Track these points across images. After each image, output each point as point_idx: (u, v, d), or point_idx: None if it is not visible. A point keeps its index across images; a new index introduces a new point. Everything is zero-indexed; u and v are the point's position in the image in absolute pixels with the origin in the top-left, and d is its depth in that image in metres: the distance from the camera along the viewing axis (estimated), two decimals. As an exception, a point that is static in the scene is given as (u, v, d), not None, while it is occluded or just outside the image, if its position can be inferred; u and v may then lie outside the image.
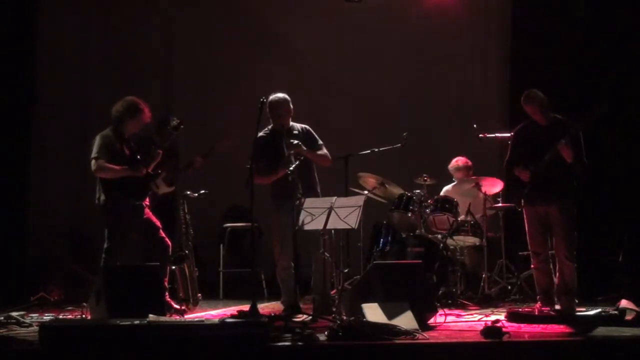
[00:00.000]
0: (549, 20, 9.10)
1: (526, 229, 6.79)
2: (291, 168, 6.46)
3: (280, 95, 6.86)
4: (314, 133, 7.01)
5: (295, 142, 6.68)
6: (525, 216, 6.78)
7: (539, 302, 6.71)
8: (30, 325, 5.92)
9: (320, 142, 7.00)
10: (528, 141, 6.74)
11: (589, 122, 6.49)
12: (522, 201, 6.74)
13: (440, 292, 7.45)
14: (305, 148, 6.72)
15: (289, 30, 9.62)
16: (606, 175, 8.32)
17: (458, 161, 8.48)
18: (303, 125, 7.01)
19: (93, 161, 6.48)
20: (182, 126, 6.94)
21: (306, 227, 6.36)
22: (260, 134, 6.83)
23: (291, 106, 6.87)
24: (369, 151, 8.06)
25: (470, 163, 8.48)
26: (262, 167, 6.74)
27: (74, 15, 9.34)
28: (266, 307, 7.19)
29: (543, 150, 6.55)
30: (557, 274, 6.69)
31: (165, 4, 9.62)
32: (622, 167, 8.44)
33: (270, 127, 6.94)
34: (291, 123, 6.93)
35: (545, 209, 6.66)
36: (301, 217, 6.35)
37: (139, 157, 6.65)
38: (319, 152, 6.93)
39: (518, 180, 6.73)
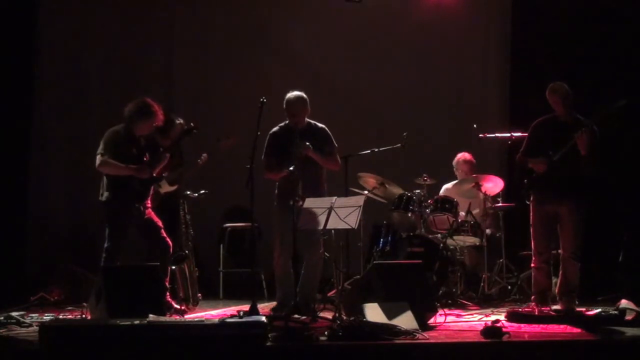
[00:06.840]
0: (549, 20, 9.10)
1: (531, 228, 6.74)
2: (291, 168, 6.46)
3: (296, 93, 6.79)
4: (331, 136, 6.92)
5: (306, 143, 6.66)
6: (532, 215, 6.72)
7: (533, 303, 6.70)
8: (30, 325, 5.92)
9: (335, 145, 6.91)
10: (546, 135, 6.67)
11: (606, 116, 6.43)
12: (531, 197, 6.69)
13: (440, 292, 7.45)
14: (311, 148, 6.67)
15: (289, 30, 9.61)
16: (606, 174, 8.30)
17: (464, 155, 8.45)
18: (321, 126, 6.93)
19: (98, 156, 6.49)
20: (195, 130, 6.84)
21: (306, 227, 6.35)
22: (275, 129, 6.85)
23: (307, 106, 6.81)
24: (369, 151, 8.06)
25: (474, 160, 8.47)
26: (273, 162, 6.74)
27: (74, 15, 9.33)
28: (266, 307, 7.18)
29: (560, 145, 6.48)
30: (560, 273, 6.67)
31: (165, 5, 9.62)
32: (622, 166, 8.42)
33: (286, 122, 6.89)
34: (312, 122, 6.89)
35: (556, 208, 6.61)
36: (301, 217, 6.34)
37: (145, 159, 6.63)
38: (327, 156, 6.84)
39: (529, 173, 6.67)
